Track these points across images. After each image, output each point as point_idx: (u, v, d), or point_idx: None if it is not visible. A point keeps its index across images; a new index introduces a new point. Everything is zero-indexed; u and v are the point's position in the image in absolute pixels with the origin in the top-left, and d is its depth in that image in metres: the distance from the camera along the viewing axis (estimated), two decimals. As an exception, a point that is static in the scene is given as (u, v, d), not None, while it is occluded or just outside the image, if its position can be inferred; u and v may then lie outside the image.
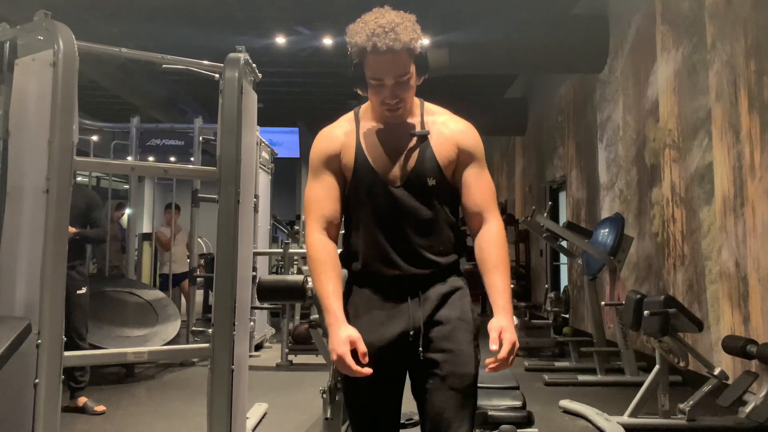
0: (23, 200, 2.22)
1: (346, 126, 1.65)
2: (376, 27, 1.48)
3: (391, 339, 1.54)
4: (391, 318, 1.55)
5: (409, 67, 1.52)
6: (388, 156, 1.58)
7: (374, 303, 1.58)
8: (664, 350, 3.50)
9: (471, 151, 1.61)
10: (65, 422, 3.10)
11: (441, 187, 1.58)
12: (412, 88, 1.58)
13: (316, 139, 1.65)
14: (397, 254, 1.56)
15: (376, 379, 1.48)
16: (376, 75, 1.52)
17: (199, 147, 5.83)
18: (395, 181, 1.57)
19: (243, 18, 7.10)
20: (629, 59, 5.90)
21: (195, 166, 5.34)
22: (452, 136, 1.61)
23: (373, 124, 1.62)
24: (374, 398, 1.56)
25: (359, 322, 1.55)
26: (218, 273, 2.47)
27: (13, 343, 1.97)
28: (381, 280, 1.58)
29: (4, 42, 2.36)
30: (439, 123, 1.63)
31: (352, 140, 1.60)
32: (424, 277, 1.57)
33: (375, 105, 1.59)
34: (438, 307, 1.57)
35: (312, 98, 11.70)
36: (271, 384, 4.66)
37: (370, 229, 1.58)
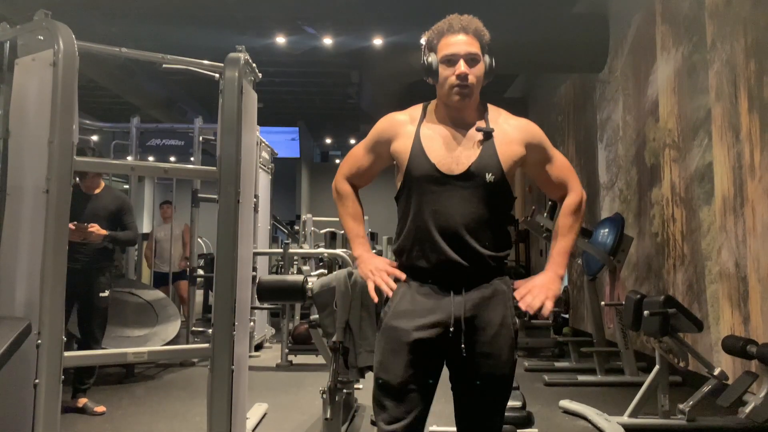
0: (23, 200, 2.22)
1: (411, 115, 1.71)
2: (455, 17, 1.67)
3: (431, 331, 1.57)
4: (433, 311, 1.58)
5: (478, 51, 1.64)
6: (447, 148, 1.62)
7: (418, 297, 1.61)
8: (664, 350, 3.50)
9: (537, 144, 1.69)
10: (65, 422, 3.09)
11: (498, 185, 1.61)
12: (480, 79, 1.66)
13: (382, 119, 1.75)
14: (445, 242, 1.58)
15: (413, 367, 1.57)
16: (450, 50, 1.62)
17: (199, 147, 5.83)
18: (452, 171, 1.60)
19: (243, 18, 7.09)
20: (629, 59, 5.90)
21: (195, 166, 5.34)
22: (516, 135, 1.67)
23: (437, 119, 1.68)
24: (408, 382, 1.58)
25: (401, 312, 1.60)
26: (218, 273, 2.47)
27: (13, 343, 1.97)
28: (427, 271, 1.61)
29: (4, 42, 2.36)
30: (501, 122, 1.68)
31: (412, 129, 1.67)
32: (468, 271, 1.59)
33: (443, 89, 1.64)
34: (481, 309, 1.59)
35: (312, 98, 11.70)
36: (271, 384, 4.66)
37: (421, 218, 1.61)
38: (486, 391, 1.61)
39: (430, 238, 1.59)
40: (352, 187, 1.79)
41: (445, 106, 1.68)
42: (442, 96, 1.67)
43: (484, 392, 1.61)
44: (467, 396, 1.63)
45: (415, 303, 1.60)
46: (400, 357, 1.57)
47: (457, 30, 1.63)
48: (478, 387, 1.60)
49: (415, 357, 1.57)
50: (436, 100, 1.72)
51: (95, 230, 3.62)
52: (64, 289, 2.17)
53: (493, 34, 1.69)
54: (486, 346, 1.58)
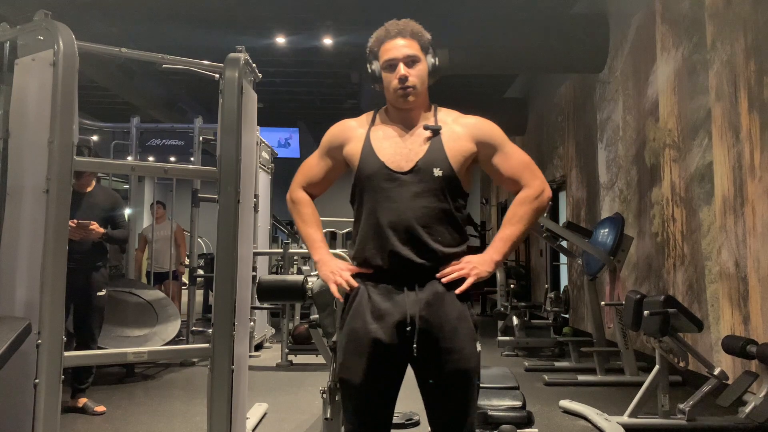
0: (23, 200, 2.22)
1: (362, 120, 1.77)
2: (391, 22, 1.72)
3: (388, 330, 1.58)
4: (389, 311, 1.59)
5: (419, 54, 1.68)
6: (396, 147, 1.66)
7: (374, 297, 1.62)
8: (664, 350, 3.50)
9: (489, 140, 1.71)
10: (65, 422, 3.10)
11: (447, 179, 1.63)
12: (423, 78, 1.69)
13: (333, 126, 1.79)
14: (397, 240, 1.60)
15: (373, 370, 1.58)
16: (389, 56, 1.67)
17: (199, 147, 5.83)
18: (401, 168, 1.63)
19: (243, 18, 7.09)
20: (629, 59, 5.90)
21: (195, 166, 5.34)
22: (466, 132, 1.69)
23: (387, 121, 1.73)
24: (371, 389, 1.61)
25: (359, 314, 1.61)
26: (218, 273, 2.47)
27: (13, 343, 1.97)
28: (381, 270, 1.62)
29: (4, 42, 2.36)
30: (450, 122, 1.71)
31: (363, 132, 1.71)
32: (422, 267, 1.60)
33: (389, 93, 1.69)
34: (436, 305, 1.60)
35: (312, 98, 11.70)
36: (271, 384, 4.66)
37: (373, 216, 1.63)
38: (453, 387, 1.61)
39: (382, 236, 1.61)
40: (309, 195, 1.83)
41: (394, 110, 1.73)
42: (390, 100, 1.72)
43: (451, 388, 1.61)
44: (435, 394, 1.63)
45: (372, 303, 1.61)
46: (361, 358, 1.60)
47: (394, 35, 1.68)
48: (444, 384, 1.60)
49: (375, 357, 1.59)
50: (385, 107, 1.77)
51: (95, 228, 3.62)
52: (64, 289, 2.17)
53: (493, 34, 1.71)
54: (447, 341, 1.59)
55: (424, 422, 3.14)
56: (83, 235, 3.58)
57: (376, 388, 1.62)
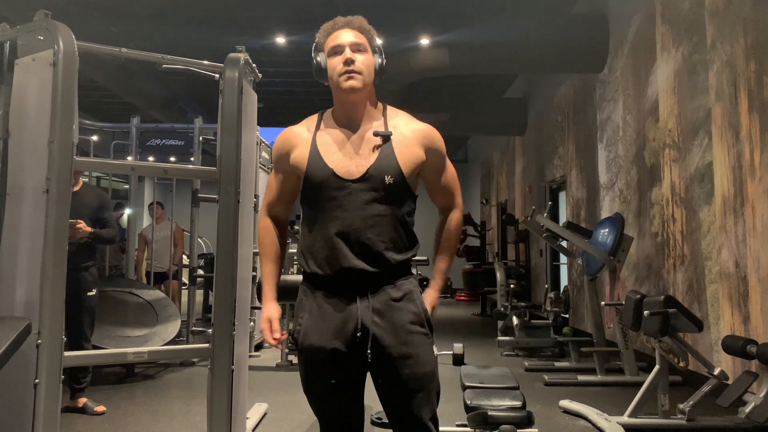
0: (23, 200, 2.22)
1: (306, 125, 1.71)
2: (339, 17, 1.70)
3: (341, 341, 1.57)
4: (341, 320, 1.58)
5: (365, 43, 1.65)
6: (344, 153, 1.62)
7: (324, 307, 1.60)
8: (664, 350, 3.50)
9: (437, 150, 1.69)
10: (65, 422, 3.10)
11: (398, 187, 1.61)
12: (370, 69, 1.64)
13: (278, 137, 1.75)
14: (348, 248, 1.57)
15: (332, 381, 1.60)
16: (335, 42, 1.64)
17: (199, 147, 5.83)
18: (351, 175, 1.59)
19: (243, 18, 7.10)
20: (629, 59, 5.90)
21: (195, 166, 5.35)
22: (415, 139, 1.66)
23: (333, 124, 1.68)
24: (334, 400, 1.63)
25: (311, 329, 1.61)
26: (218, 273, 2.48)
27: (13, 343, 1.97)
28: (331, 279, 1.59)
29: (4, 42, 2.36)
30: (401, 127, 1.67)
31: (308, 138, 1.66)
32: (374, 276, 1.58)
33: (333, 82, 1.65)
34: (389, 312, 1.58)
35: (312, 98, 11.70)
36: (271, 384, 4.66)
37: (323, 224, 1.60)
38: (411, 393, 1.58)
39: (332, 245, 1.58)
40: (275, 219, 1.77)
41: (339, 106, 1.67)
42: (335, 91, 1.66)
43: (409, 394, 1.58)
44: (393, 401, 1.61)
45: (323, 316, 1.60)
46: (319, 374, 1.61)
47: (341, 26, 1.66)
48: (401, 390, 1.58)
49: (332, 372, 1.59)
50: (331, 108, 1.72)
51: (82, 227, 3.59)
52: (64, 289, 2.17)
53: (493, 34, 1.70)
54: (402, 347, 1.57)
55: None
56: (70, 234, 3.55)
57: (341, 400, 1.63)
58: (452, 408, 3.55)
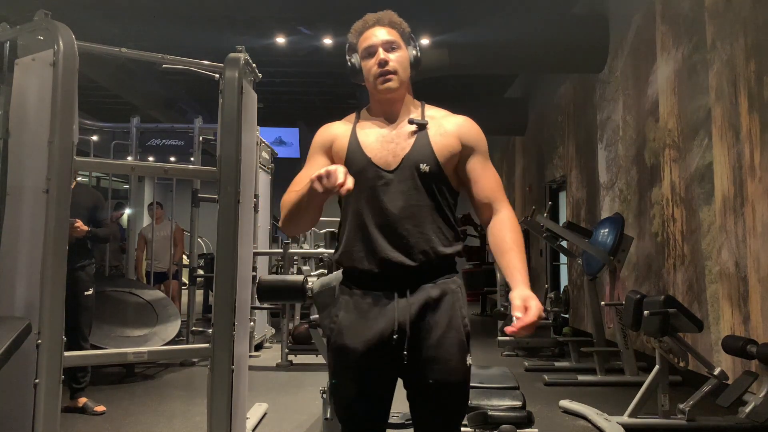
0: (23, 200, 2.22)
1: (345, 121, 1.70)
2: (369, 14, 1.66)
3: (377, 342, 1.51)
4: (377, 320, 1.52)
5: (399, 41, 1.62)
6: (382, 143, 1.59)
7: (361, 306, 1.55)
8: (664, 350, 3.50)
9: (473, 144, 1.62)
10: (65, 422, 3.10)
11: (435, 175, 1.56)
12: (405, 65, 1.62)
13: (317, 133, 1.70)
14: (386, 241, 1.52)
15: (365, 381, 1.52)
16: (368, 43, 1.61)
17: (199, 147, 5.83)
18: (388, 166, 1.56)
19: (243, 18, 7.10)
20: (629, 59, 5.90)
21: (195, 166, 5.35)
22: (453, 130, 1.62)
23: (371, 118, 1.66)
24: (363, 402, 1.55)
25: (346, 328, 1.54)
26: (218, 273, 2.48)
27: (13, 343, 1.98)
28: (369, 274, 1.54)
29: (4, 42, 2.36)
30: (438, 118, 1.65)
31: (348, 131, 1.64)
32: (413, 270, 1.51)
33: (369, 83, 1.63)
34: (427, 311, 1.52)
35: (312, 98, 11.70)
36: (271, 384, 4.66)
37: (361, 217, 1.55)
38: (437, 399, 1.52)
39: (370, 239, 1.52)
40: None
41: (377, 103, 1.65)
42: (372, 91, 1.64)
43: (436, 400, 1.52)
44: (419, 404, 1.56)
45: (359, 314, 1.54)
46: (351, 375, 1.54)
47: (372, 24, 1.63)
48: (428, 394, 1.52)
49: (365, 373, 1.53)
50: (368, 106, 1.70)
51: (80, 226, 3.59)
52: (64, 289, 2.17)
53: (493, 34, 1.69)
54: (431, 350, 1.50)
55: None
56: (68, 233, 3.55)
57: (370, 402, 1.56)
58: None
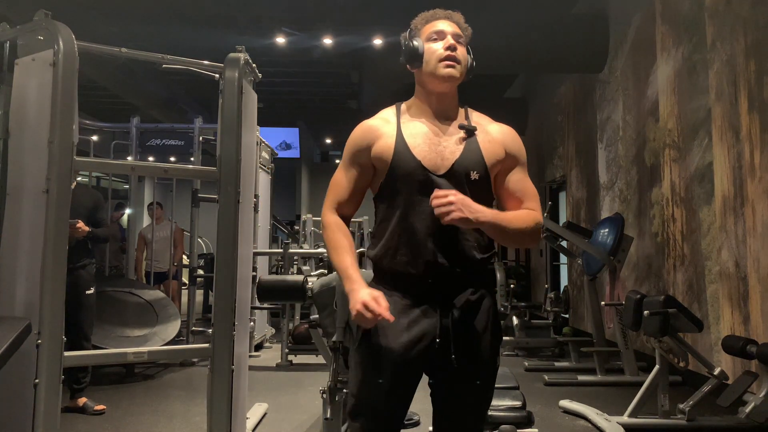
0: (23, 200, 2.22)
1: (386, 117, 1.64)
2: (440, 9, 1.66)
3: (416, 344, 1.51)
4: (418, 323, 1.52)
5: (463, 36, 1.62)
6: (430, 146, 1.56)
7: (402, 309, 1.53)
8: (664, 350, 3.50)
9: (516, 155, 1.62)
10: (65, 422, 3.10)
11: (483, 183, 1.56)
12: (465, 63, 1.61)
13: (354, 130, 1.66)
14: (435, 247, 1.51)
15: (397, 383, 1.53)
16: (437, 28, 1.60)
17: (199, 147, 5.83)
18: (437, 170, 1.53)
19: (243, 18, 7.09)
20: (629, 59, 5.90)
21: (195, 166, 5.34)
22: (499, 138, 1.62)
23: (416, 116, 1.62)
24: (390, 400, 1.54)
25: (384, 328, 1.52)
26: (218, 273, 2.48)
27: (13, 343, 1.97)
28: (412, 277, 1.53)
29: (4, 42, 2.36)
30: (484, 124, 1.64)
31: (392, 130, 1.59)
32: (457, 275, 1.53)
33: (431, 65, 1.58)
34: (467, 316, 1.54)
35: (312, 98, 11.70)
36: (271, 384, 4.66)
37: (407, 219, 1.53)
38: (468, 398, 1.56)
39: (417, 242, 1.51)
40: (343, 218, 1.64)
41: (426, 95, 1.61)
42: (428, 78, 1.59)
43: (467, 399, 1.56)
44: (449, 403, 1.58)
45: (399, 316, 1.51)
46: (384, 375, 1.52)
47: (442, 17, 1.63)
48: (460, 394, 1.56)
49: (399, 374, 1.52)
50: (409, 100, 1.66)
51: (81, 226, 3.60)
52: (64, 289, 2.17)
53: (493, 34, 1.69)
54: (469, 352, 1.53)
55: (425, 422, 3.14)
56: (69, 233, 3.55)
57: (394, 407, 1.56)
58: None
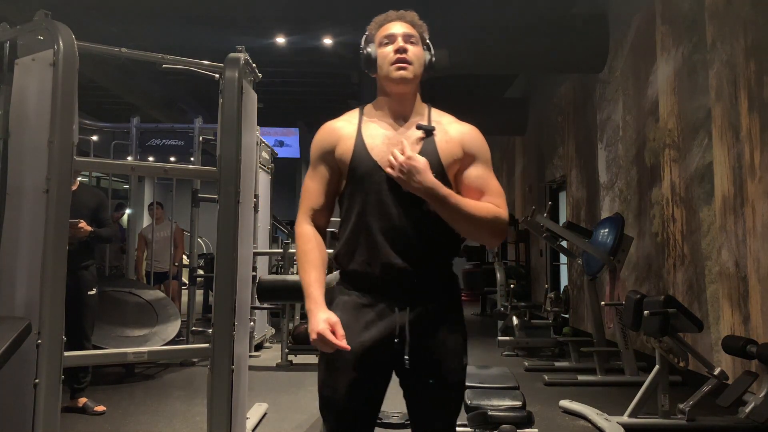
0: (23, 200, 2.22)
1: (348, 119, 1.65)
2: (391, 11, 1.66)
3: (376, 344, 1.50)
4: (376, 323, 1.51)
5: (417, 36, 1.62)
6: (388, 146, 1.55)
7: (360, 307, 1.53)
8: (664, 350, 3.50)
9: (475, 153, 1.60)
10: (65, 422, 3.10)
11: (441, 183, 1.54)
12: (420, 62, 1.61)
13: (318, 132, 1.66)
14: (391, 248, 1.50)
15: (357, 382, 1.51)
16: (388, 32, 1.61)
17: (199, 147, 5.83)
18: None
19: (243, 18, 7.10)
20: (629, 59, 5.90)
21: (195, 166, 5.35)
22: (458, 137, 1.60)
23: (377, 118, 1.62)
24: (351, 401, 1.53)
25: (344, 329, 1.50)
26: (218, 273, 2.48)
27: (13, 343, 1.98)
28: (369, 277, 1.53)
29: (4, 42, 2.36)
30: (444, 123, 1.63)
31: (352, 131, 1.60)
32: (414, 275, 1.51)
33: (384, 69, 1.59)
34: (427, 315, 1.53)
35: (312, 98, 11.70)
36: (271, 384, 4.66)
37: (364, 220, 1.53)
38: (438, 399, 1.55)
39: (374, 242, 1.51)
40: (318, 227, 1.62)
41: (386, 98, 1.62)
42: (383, 82, 1.61)
43: (437, 400, 1.55)
44: (419, 404, 1.57)
45: (358, 316, 1.52)
46: (345, 375, 1.51)
47: (394, 18, 1.63)
48: (429, 395, 1.55)
49: (360, 374, 1.51)
50: (373, 102, 1.67)
51: (84, 226, 3.60)
52: (64, 289, 2.17)
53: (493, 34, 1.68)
54: (433, 352, 1.53)
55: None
56: (72, 233, 3.56)
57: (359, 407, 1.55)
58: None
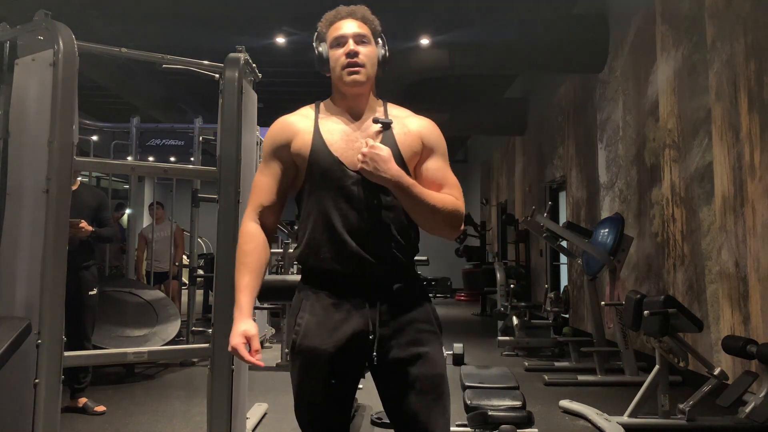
0: (23, 200, 2.22)
1: (304, 114, 1.63)
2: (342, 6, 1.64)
3: (349, 342, 1.48)
4: (348, 321, 1.49)
5: (368, 34, 1.60)
6: (347, 142, 1.54)
7: (327, 307, 1.51)
8: (664, 350, 3.50)
9: (434, 147, 1.60)
10: (65, 422, 3.10)
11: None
12: (373, 61, 1.59)
13: (272, 126, 1.64)
14: (355, 242, 1.48)
15: (330, 382, 1.49)
16: (338, 33, 1.58)
17: (199, 147, 5.83)
18: (354, 165, 1.50)
19: (243, 18, 7.10)
20: (629, 59, 5.90)
21: (195, 166, 5.35)
22: (416, 130, 1.59)
23: (334, 113, 1.61)
24: (328, 404, 1.52)
25: (312, 330, 1.50)
26: (218, 273, 2.48)
27: (13, 343, 1.98)
28: (335, 275, 1.50)
29: (4, 42, 2.36)
30: (402, 117, 1.62)
31: (309, 126, 1.58)
32: (380, 270, 1.49)
33: (335, 74, 1.58)
34: (398, 309, 1.51)
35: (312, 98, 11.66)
36: (271, 384, 4.66)
37: (327, 217, 1.50)
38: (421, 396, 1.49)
39: (338, 239, 1.48)
40: (264, 226, 1.57)
41: (340, 97, 1.61)
42: (337, 83, 1.60)
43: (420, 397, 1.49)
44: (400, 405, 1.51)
45: (326, 316, 1.50)
46: (318, 378, 1.50)
47: (344, 16, 1.60)
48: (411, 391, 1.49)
49: (333, 375, 1.49)
50: (329, 98, 1.66)
51: (84, 226, 3.60)
52: (64, 289, 2.17)
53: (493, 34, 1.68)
54: (411, 348, 1.49)
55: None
56: (73, 233, 3.56)
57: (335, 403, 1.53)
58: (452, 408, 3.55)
